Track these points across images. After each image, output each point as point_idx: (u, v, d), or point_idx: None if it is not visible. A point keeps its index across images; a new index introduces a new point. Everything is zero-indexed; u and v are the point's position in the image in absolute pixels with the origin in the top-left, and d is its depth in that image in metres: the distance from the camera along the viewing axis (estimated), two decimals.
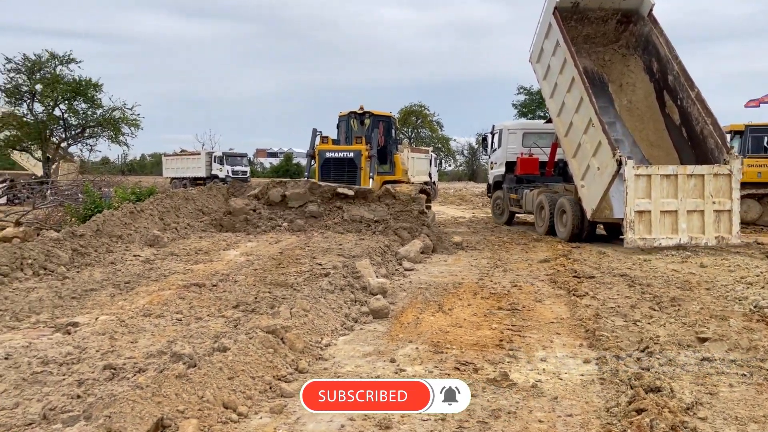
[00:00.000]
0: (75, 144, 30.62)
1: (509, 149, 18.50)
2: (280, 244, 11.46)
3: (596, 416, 4.06)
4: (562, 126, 14.50)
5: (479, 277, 9.48)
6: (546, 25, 14.66)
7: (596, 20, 14.94)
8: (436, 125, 68.70)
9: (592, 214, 13.10)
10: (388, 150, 16.00)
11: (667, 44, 14.05)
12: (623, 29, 15.18)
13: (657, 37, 14.27)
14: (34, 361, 4.90)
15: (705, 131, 12.99)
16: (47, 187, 22.10)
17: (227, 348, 4.70)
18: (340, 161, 14.51)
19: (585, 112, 13.04)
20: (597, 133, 12.58)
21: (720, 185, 12.16)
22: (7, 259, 8.50)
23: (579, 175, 13.62)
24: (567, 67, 13.73)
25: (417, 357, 5.36)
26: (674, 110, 14.01)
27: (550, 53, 14.62)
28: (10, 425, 3.69)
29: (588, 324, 6.43)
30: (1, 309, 6.78)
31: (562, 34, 13.74)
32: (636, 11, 14.77)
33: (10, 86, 28.19)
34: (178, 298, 7.32)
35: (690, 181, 12.08)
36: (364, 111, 15.71)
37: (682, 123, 13.82)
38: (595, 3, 14.59)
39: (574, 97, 13.50)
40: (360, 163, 14.29)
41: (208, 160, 41.95)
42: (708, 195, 12.10)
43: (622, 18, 15.04)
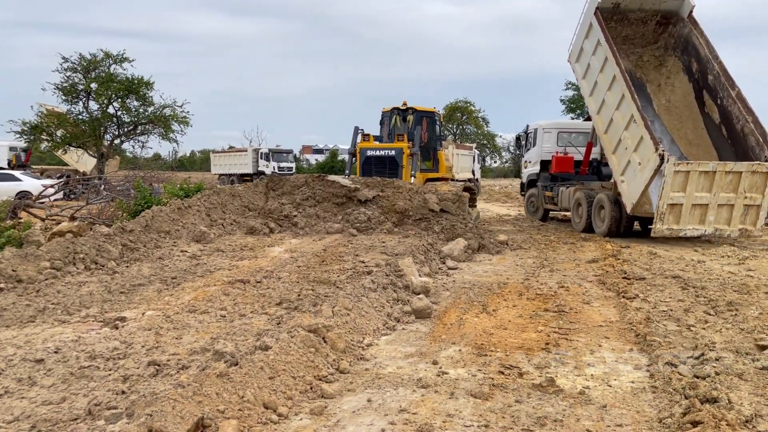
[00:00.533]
0: (127, 141, 31.43)
1: (544, 148, 18.71)
2: (324, 241, 11.48)
3: (648, 427, 3.89)
4: (602, 123, 14.70)
5: (525, 277, 9.28)
6: (587, 25, 14.89)
7: (636, 21, 15.12)
8: (482, 121, 68.03)
9: (632, 208, 13.33)
10: (431, 146, 15.72)
11: (708, 45, 14.24)
12: (662, 30, 15.35)
13: (697, 38, 14.47)
14: (82, 355, 4.99)
15: (746, 129, 13.20)
16: (101, 183, 22.74)
17: (269, 347, 4.68)
18: (381, 159, 14.43)
19: (626, 109, 13.28)
20: (639, 129, 12.83)
21: (755, 181, 12.53)
22: (61, 253, 8.74)
23: (619, 171, 13.84)
24: (608, 66, 13.97)
25: (460, 359, 5.26)
26: (714, 109, 14.19)
27: (590, 53, 14.89)
28: (56, 420, 3.75)
29: (638, 328, 6.20)
30: (54, 303, 6.96)
31: (604, 33, 13.96)
32: (676, 13, 14.95)
33: (66, 85, 29.13)
34: (222, 295, 7.38)
35: (727, 177, 12.40)
36: (408, 107, 15.43)
37: (721, 121, 13.98)
38: (636, 4, 14.73)
39: (614, 95, 13.76)
40: (401, 161, 14.16)
41: (254, 157, 42.48)
42: (742, 190, 12.50)
43: (662, 19, 15.21)
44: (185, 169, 70.78)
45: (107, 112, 29.42)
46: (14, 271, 7.84)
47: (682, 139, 14.50)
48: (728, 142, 13.84)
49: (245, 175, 41.15)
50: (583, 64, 15.39)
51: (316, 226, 12.81)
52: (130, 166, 28.22)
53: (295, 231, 12.76)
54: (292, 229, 12.89)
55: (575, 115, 53.47)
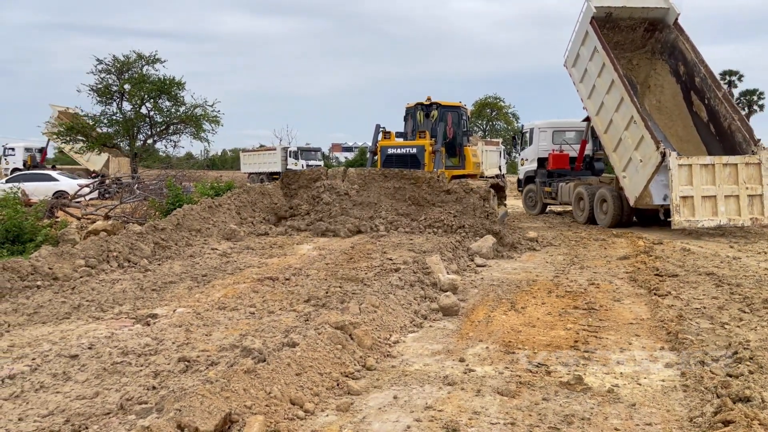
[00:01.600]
0: (160, 141, 31.99)
1: (541, 146, 19.82)
2: (352, 239, 11.52)
3: (678, 426, 3.83)
4: (602, 124, 15.69)
5: (554, 275, 9.19)
6: (582, 33, 15.85)
7: (626, 28, 16.23)
8: (512, 117, 67.42)
9: (635, 201, 14.40)
10: (457, 142, 15.24)
11: (694, 50, 15.40)
12: (649, 36, 16.48)
13: (683, 44, 15.59)
14: (115, 351, 5.11)
15: (733, 126, 14.33)
16: (134, 182, 23.16)
17: (296, 343, 4.72)
18: (403, 157, 14.04)
19: (626, 111, 14.30)
20: (639, 129, 13.88)
21: (751, 173, 13.55)
22: (95, 251, 8.94)
23: (620, 167, 14.84)
24: (606, 71, 14.96)
25: (487, 357, 5.24)
26: (702, 108, 15.29)
27: (587, 58, 15.85)
28: (89, 414, 3.85)
29: (670, 326, 6.09)
30: (88, 300, 7.13)
31: (601, 42, 15.00)
32: (662, 20, 16.07)
33: (101, 86, 29.74)
34: (252, 292, 7.47)
35: (725, 170, 13.40)
36: (432, 102, 14.99)
37: (709, 120, 15.09)
38: (626, 13, 15.80)
39: (613, 98, 14.76)
40: (423, 159, 13.76)
41: (283, 155, 42.78)
42: (742, 181, 13.46)
43: (649, 26, 16.33)
44: (217, 168, 71.61)
45: (140, 113, 29.99)
46: (51, 269, 8.04)
47: (673, 137, 15.63)
48: (716, 138, 14.92)
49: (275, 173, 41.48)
50: (580, 69, 16.38)
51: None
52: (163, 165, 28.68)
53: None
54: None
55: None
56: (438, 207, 12.52)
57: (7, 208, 11.92)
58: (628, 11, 15.77)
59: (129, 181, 23.99)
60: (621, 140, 14.67)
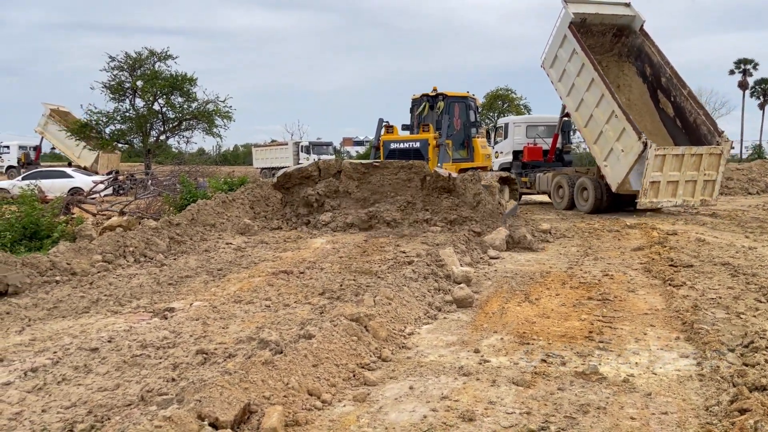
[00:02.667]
0: (172, 136, 32.18)
1: (516, 140, 21.28)
2: (366, 232, 11.55)
3: (694, 415, 3.84)
4: (581, 119, 17.03)
5: (568, 266, 9.18)
6: (561, 37, 17.21)
7: (597, 33, 17.63)
8: (524, 109, 67.09)
9: (617, 187, 15.83)
10: (465, 134, 14.78)
11: (659, 53, 17.01)
12: (617, 41, 18.05)
13: (649, 47, 17.22)
14: (134, 344, 5.18)
15: (698, 120, 15.97)
16: (147, 178, 23.34)
17: (312, 335, 4.77)
18: (406, 152, 13.58)
19: (606, 107, 15.75)
20: (621, 122, 15.35)
21: (712, 161, 15.38)
22: (112, 247, 9.05)
23: (601, 158, 16.30)
24: (585, 71, 16.34)
25: (502, 348, 5.26)
26: (668, 105, 16.88)
27: (565, 60, 17.17)
28: (111, 405, 3.92)
29: (685, 316, 6.07)
30: (106, 294, 7.23)
31: (580, 44, 16.38)
32: (629, 26, 17.67)
33: (114, 83, 29.96)
34: (267, 285, 7.54)
35: (691, 159, 15.25)
36: (438, 93, 14.49)
37: (675, 115, 16.68)
38: (598, 19, 17.31)
39: (593, 95, 16.14)
40: (427, 154, 13.33)
41: (295, 150, 43.00)
42: (702, 169, 15.33)
43: (617, 32, 17.87)
44: (229, 163, 71.91)
45: (153, 109, 30.18)
46: (69, 264, 8.15)
47: (643, 130, 16.44)
48: (682, 131, 16.46)
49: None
50: (558, 70, 17.68)
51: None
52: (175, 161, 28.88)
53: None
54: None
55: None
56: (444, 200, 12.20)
57: (24, 204, 12.06)
58: (600, 17, 17.29)
59: (143, 178, 24.20)
60: (602, 133, 16.13)
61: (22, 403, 3.98)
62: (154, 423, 3.18)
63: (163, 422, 3.20)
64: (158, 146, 32.03)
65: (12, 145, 38.37)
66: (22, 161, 37.18)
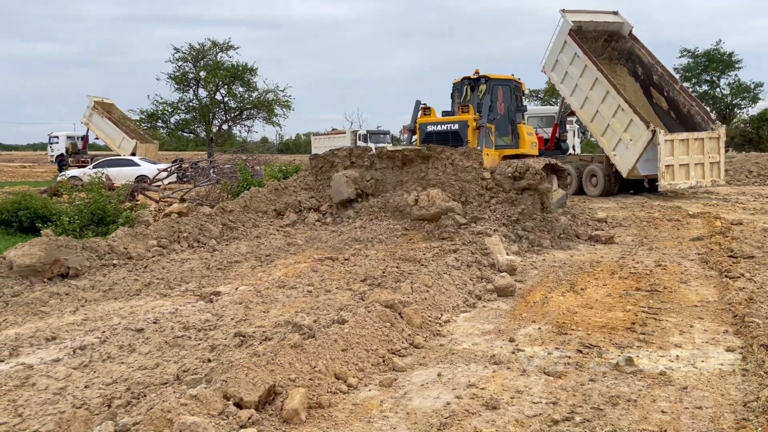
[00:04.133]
0: (234, 126, 33.00)
1: None
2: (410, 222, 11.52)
3: (730, 410, 3.69)
4: (587, 115, 18.72)
5: (620, 256, 8.93)
6: (561, 43, 18.95)
7: (591, 39, 19.30)
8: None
9: (627, 173, 17.61)
10: (509, 119, 13.55)
11: (650, 54, 19.18)
12: (607, 45, 19.92)
13: (639, 50, 19.32)
14: (177, 326, 5.38)
15: (692, 111, 17.89)
16: (209, 167, 24.02)
17: (345, 320, 4.83)
18: (443, 134, 12.55)
19: (612, 102, 17.47)
20: (627, 114, 17.08)
21: (713, 145, 17.25)
22: (167, 232, 9.38)
23: (610, 148, 18.01)
24: (588, 71, 18.14)
25: (538, 337, 5.19)
26: (661, 100, 18.78)
27: (567, 63, 18.92)
28: (148, 383, 4.09)
29: (737, 309, 5.82)
30: (158, 278, 7.51)
31: (582, 48, 18.24)
32: (618, 32, 19.70)
33: (178, 74, 30.93)
34: (311, 271, 7.66)
35: (695, 144, 17.05)
36: (480, 75, 13.40)
37: (669, 108, 18.51)
38: (592, 26, 19.26)
39: (598, 93, 17.92)
40: (466, 136, 12.21)
41: (353, 138, 43.25)
42: (706, 152, 17.18)
43: (608, 37, 19.78)
44: (291, 152, 73.05)
45: (215, 99, 31.01)
46: (125, 249, 8.51)
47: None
48: (677, 122, 18.15)
49: None
50: (560, 73, 19.35)
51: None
52: (235, 149, 29.60)
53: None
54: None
55: (690, 84, 50.22)
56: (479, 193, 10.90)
57: (92, 192, 12.65)
58: (594, 25, 19.27)
59: (205, 166, 24.91)
60: (609, 126, 17.81)
61: (68, 378, 4.20)
62: (181, 401, 3.31)
63: (190, 400, 3.33)
64: (220, 135, 32.89)
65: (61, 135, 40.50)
66: (70, 150, 39.19)
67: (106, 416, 3.48)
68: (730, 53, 48.15)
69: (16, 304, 6.25)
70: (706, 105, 51.12)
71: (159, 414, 3.18)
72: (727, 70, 48.70)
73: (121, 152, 35.58)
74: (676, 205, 15.52)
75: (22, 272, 7.24)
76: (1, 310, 6.11)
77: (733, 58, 48.15)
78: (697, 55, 48.41)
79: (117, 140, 35.16)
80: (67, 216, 11.36)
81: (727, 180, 20.81)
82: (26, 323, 5.66)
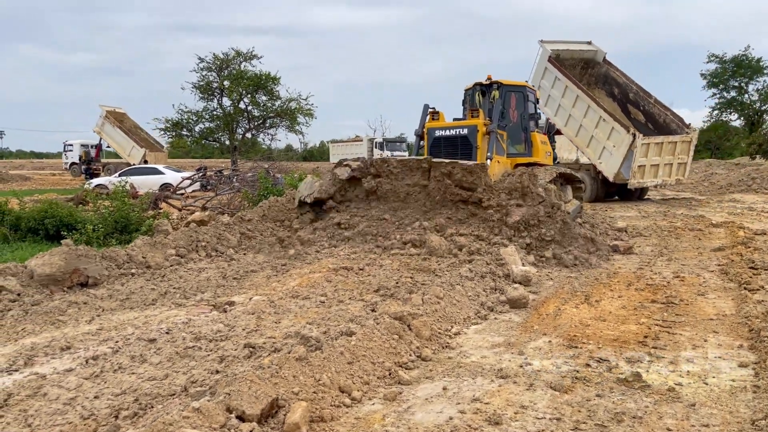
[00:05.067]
0: (258, 134, 33.34)
1: None
2: None
3: (738, 429, 3.63)
4: (571, 131, 20.57)
5: (638, 266, 8.83)
6: (542, 69, 21.00)
7: (569, 66, 21.18)
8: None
9: (614, 178, 19.22)
10: (522, 126, 13.06)
11: (624, 75, 21.44)
12: (585, 72, 22.07)
13: (614, 72, 21.63)
14: (189, 336, 5.44)
15: (667, 119, 20.04)
16: (233, 175, 24.28)
17: (353, 332, 4.85)
18: (452, 140, 11.92)
19: (593, 115, 19.49)
20: (608, 123, 19.08)
21: (684, 147, 19.48)
22: (185, 241, 9.51)
23: (596, 157, 19.77)
24: (569, 91, 20.04)
25: (548, 351, 5.15)
26: (639, 114, 20.95)
27: (549, 87, 20.83)
28: (156, 394, 4.15)
29: (754, 323, 5.71)
30: (175, 287, 7.61)
31: (561, 71, 20.29)
32: (593, 59, 22.05)
33: (203, 83, 31.37)
34: (325, 281, 7.70)
35: (669, 146, 19.20)
36: (492, 81, 12.90)
37: (647, 120, 20.63)
38: (569, 54, 21.46)
39: (580, 109, 19.86)
40: (476, 141, 11.55)
41: (369, 146, 43.56)
42: (677, 153, 19.42)
43: (585, 65, 22.07)
44: (315, 159, 73.46)
45: (239, 107, 31.37)
46: (144, 258, 8.64)
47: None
48: (655, 132, 19.97)
49: None
50: (543, 97, 20.44)
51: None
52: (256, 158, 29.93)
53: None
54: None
55: (718, 90, 49.45)
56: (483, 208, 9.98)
57: (116, 200, 12.87)
58: (570, 53, 21.51)
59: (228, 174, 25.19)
60: (593, 137, 19.71)
61: (79, 389, 4.28)
62: (183, 414, 3.35)
63: (192, 413, 3.37)
64: (244, 143, 33.24)
65: (75, 143, 41.71)
66: (83, 158, 40.28)
67: (110, 429, 3.54)
68: (759, 58, 47.44)
69: (35, 313, 6.39)
70: (733, 111, 50.69)
71: (161, 427, 3.22)
72: (755, 76, 47.97)
73: (131, 160, 36.53)
74: (699, 214, 15.30)
75: (42, 281, 7.40)
76: (21, 318, 6.24)
77: (761, 63, 47.36)
78: (725, 61, 47.80)
79: (127, 149, 36.11)
80: (92, 224, 11.58)
81: (754, 188, 23.12)
82: (43, 332, 5.78)
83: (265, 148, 44.93)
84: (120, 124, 36.56)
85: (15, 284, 7.09)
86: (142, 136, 36.62)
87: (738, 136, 52.50)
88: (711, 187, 25.17)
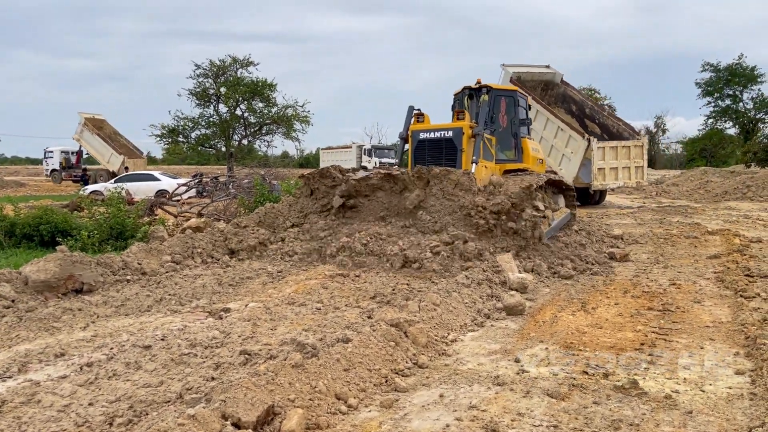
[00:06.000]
0: (254, 140, 33.33)
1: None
2: None
3: None
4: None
5: (634, 274, 8.84)
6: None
7: (530, 88, 22.38)
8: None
9: (573, 181, 18.97)
10: (512, 132, 12.61)
11: (580, 93, 24.70)
12: (545, 94, 23.73)
13: (571, 91, 23.99)
14: (184, 343, 5.42)
15: (620, 129, 22.23)
16: (228, 181, 24.25)
17: (349, 339, 4.83)
18: (437, 143, 11.53)
19: (552, 127, 21.42)
20: (566, 132, 20.97)
21: (637, 152, 21.22)
22: (180, 248, 9.48)
23: (556, 164, 21.00)
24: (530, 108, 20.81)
25: (544, 358, 5.14)
26: (595, 126, 22.90)
27: None
28: (151, 401, 4.12)
29: (750, 330, 5.72)
30: (171, 293, 7.58)
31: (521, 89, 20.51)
32: (551, 81, 23.97)
33: (199, 90, 31.36)
34: (321, 288, 7.68)
35: (623, 150, 21.07)
36: (482, 85, 12.44)
37: (602, 131, 22.59)
38: (529, 76, 23.28)
39: (540, 122, 21.36)
40: (461, 144, 11.17)
41: (358, 153, 43.66)
42: (632, 157, 21.13)
43: (544, 86, 23.84)
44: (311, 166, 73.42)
45: (235, 114, 31.37)
46: (139, 264, 8.61)
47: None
48: (608, 139, 21.76)
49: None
50: None
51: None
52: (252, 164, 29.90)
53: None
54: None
55: (712, 98, 49.74)
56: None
57: (111, 207, 12.84)
58: (530, 75, 23.34)
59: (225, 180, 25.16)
60: (552, 146, 21.26)
61: (73, 396, 4.25)
62: (178, 421, 3.33)
63: (187, 420, 3.35)
64: (240, 150, 33.24)
65: (55, 150, 41.91)
66: (63, 165, 40.45)
67: None
68: (753, 67, 47.76)
69: (29, 320, 6.35)
70: (728, 120, 51.01)
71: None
72: (749, 84, 48.25)
73: (109, 167, 36.65)
74: (695, 222, 15.34)
75: (37, 287, 7.35)
76: (15, 325, 6.20)
77: (755, 71, 47.67)
78: (720, 70, 48.05)
79: (106, 156, 36.34)
80: (87, 230, 11.54)
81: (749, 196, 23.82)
82: (37, 339, 5.74)
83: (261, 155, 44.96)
84: (99, 131, 36.75)
85: (9, 290, 7.04)
86: (121, 143, 36.80)
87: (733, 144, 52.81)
88: (706, 195, 25.23)
